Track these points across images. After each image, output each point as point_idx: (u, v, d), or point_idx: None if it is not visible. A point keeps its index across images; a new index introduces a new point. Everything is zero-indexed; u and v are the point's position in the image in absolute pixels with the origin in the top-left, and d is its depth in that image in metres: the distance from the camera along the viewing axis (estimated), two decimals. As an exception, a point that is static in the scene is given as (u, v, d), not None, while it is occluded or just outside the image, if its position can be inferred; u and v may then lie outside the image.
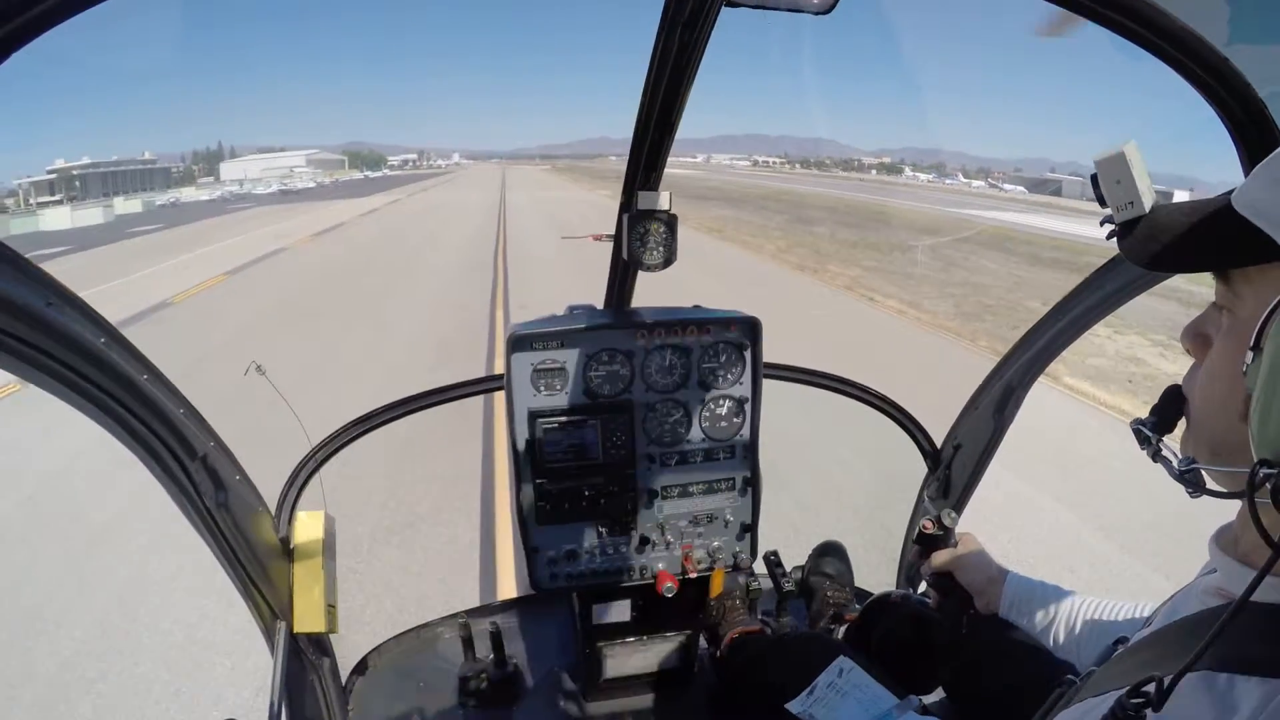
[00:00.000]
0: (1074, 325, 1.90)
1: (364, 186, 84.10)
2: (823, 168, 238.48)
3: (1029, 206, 56.44)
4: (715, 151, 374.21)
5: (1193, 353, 0.85)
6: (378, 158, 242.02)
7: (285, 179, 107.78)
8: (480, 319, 12.11)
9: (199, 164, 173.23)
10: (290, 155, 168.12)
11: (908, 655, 1.89)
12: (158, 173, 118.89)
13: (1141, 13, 1.15)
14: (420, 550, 4.95)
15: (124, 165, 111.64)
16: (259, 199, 67.75)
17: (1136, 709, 0.69)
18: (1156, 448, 0.84)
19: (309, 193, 74.65)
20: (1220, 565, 0.83)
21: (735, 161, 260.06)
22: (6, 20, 0.82)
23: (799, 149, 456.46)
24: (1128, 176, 0.81)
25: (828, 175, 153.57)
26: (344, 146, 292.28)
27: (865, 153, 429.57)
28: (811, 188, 69.10)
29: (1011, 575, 1.66)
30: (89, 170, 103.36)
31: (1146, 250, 0.80)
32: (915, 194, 66.17)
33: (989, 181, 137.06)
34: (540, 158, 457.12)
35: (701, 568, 2.08)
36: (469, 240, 24.60)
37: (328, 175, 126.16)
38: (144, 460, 1.40)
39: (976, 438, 2.26)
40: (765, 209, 39.17)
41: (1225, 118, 1.26)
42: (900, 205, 46.35)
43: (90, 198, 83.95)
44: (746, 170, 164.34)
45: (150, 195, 79.38)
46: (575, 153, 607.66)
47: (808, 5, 1.16)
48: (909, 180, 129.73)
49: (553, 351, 1.91)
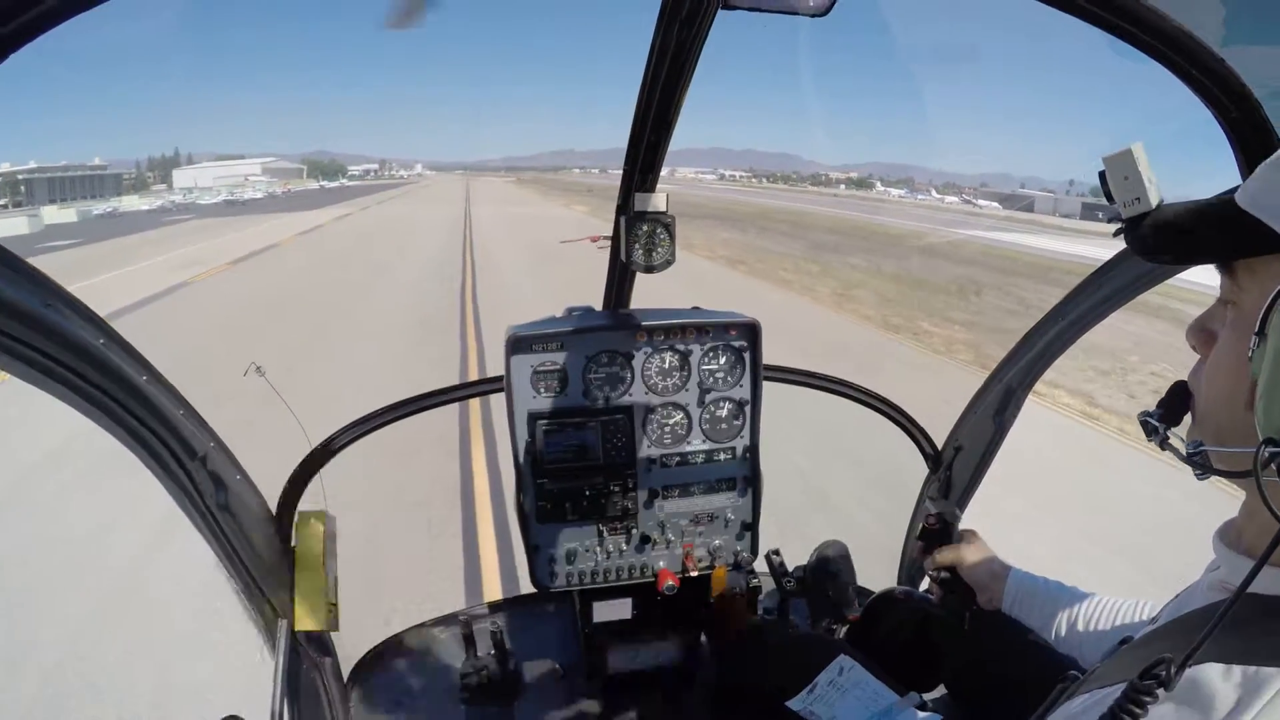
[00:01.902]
0: (1073, 327, 1.90)
1: (317, 198, 78.33)
2: (790, 182, 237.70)
3: (1028, 226, 53.69)
4: (679, 165, 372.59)
5: (1198, 349, 0.86)
6: (337, 167, 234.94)
7: (236, 188, 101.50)
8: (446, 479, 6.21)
9: (154, 170, 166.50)
10: (247, 163, 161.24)
11: (910, 652, 1.90)
12: (108, 179, 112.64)
13: (1137, 14, 1.15)
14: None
15: (72, 171, 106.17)
16: (200, 210, 62.03)
17: (1149, 689, 0.69)
18: (1164, 436, 0.87)
19: (255, 204, 68.52)
20: (1224, 559, 0.84)
21: (702, 175, 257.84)
22: (6, 20, 0.83)
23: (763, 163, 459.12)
24: (1135, 173, 0.83)
25: (799, 190, 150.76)
26: (306, 156, 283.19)
27: (830, 167, 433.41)
28: (796, 204, 66.05)
29: (1015, 571, 1.65)
30: (35, 175, 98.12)
31: (1153, 244, 0.84)
32: (903, 212, 63.62)
33: (963, 197, 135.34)
34: (504, 170, 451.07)
35: (702, 566, 2.10)
36: (424, 281, 17.27)
37: (281, 185, 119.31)
38: (144, 460, 1.41)
39: (977, 439, 2.26)
40: (770, 231, 35.39)
41: (1222, 119, 1.26)
42: (902, 226, 42.39)
43: (36, 203, 79.01)
44: (718, 185, 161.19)
45: (88, 204, 72.52)
46: (539, 165, 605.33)
47: (804, 7, 1.15)
48: (881, 195, 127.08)
49: (552, 353, 1.92)
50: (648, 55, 1.33)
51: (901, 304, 16.79)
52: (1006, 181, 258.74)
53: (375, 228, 36.09)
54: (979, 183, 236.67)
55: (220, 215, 50.36)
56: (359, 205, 57.79)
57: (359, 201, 64.50)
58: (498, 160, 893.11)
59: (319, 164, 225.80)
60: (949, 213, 75.22)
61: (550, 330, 1.92)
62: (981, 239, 34.77)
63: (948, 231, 40.03)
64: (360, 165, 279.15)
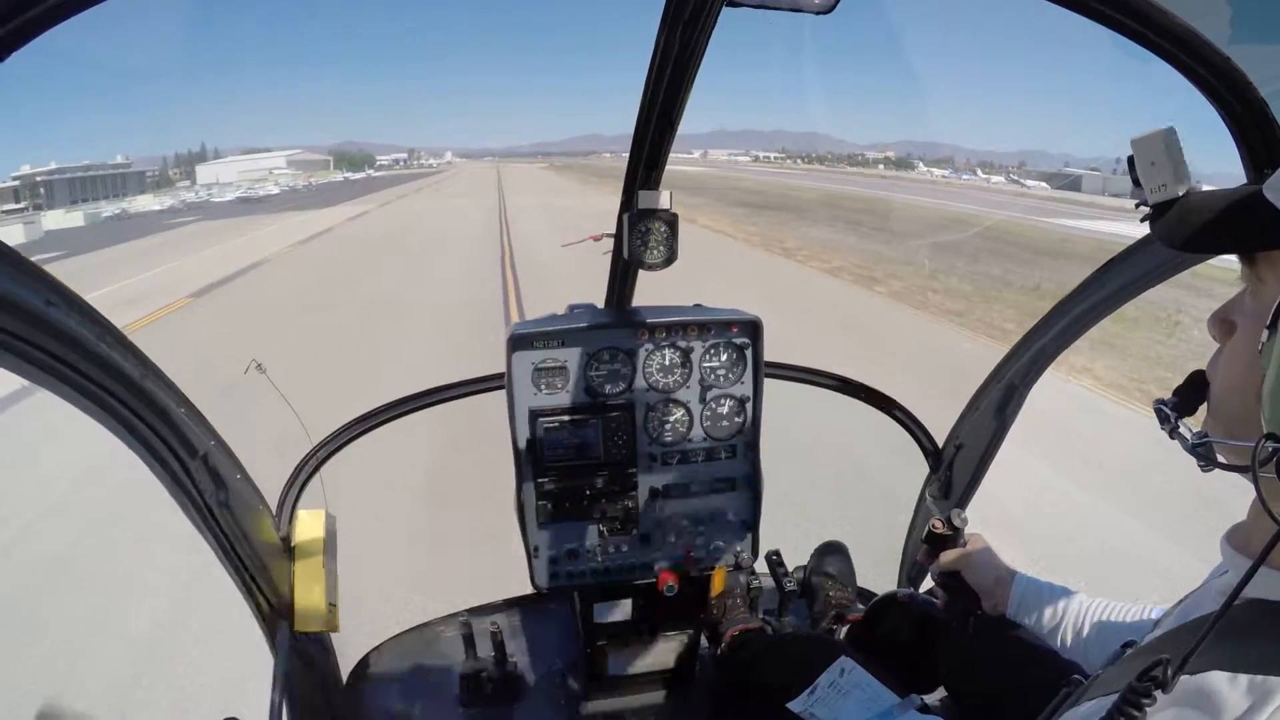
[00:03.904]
0: (1076, 324, 1.88)
1: (338, 191, 71.17)
2: (826, 163, 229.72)
3: (1107, 212, 43.89)
4: (711, 147, 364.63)
5: (1217, 338, 0.86)
6: (365, 158, 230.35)
7: (256, 183, 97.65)
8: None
9: (180, 167, 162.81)
10: (273, 156, 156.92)
11: (911, 655, 1.89)
12: (131, 177, 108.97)
13: (1143, 12, 1.16)
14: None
15: (94, 170, 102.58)
16: (211, 209, 56.23)
17: (1146, 691, 0.69)
18: (1175, 425, 0.86)
19: (271, 200, 62.37)
20: (1232, 564, 0.84)
21: (736, 157, 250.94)
22: (6, 20, 0.82)
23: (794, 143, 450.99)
24: (1163, 159, 0.81)
25: (838, 171, 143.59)
26: (334, 146, 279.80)
27: (861, 146, 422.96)
28: (851, 188, 55.63)
29: (1020, 576, 1.65)
30: (55, 176, 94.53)
31: (1179, 231, 0.82)
32: (965, 195, 54.53)
33: (1009, 177, 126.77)
34: (534, 155, 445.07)
35: (703, 567, 2.08)
36: (444, 315, 12.18)
37: (305, 177, 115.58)
38: (144, 459, 1.40)
39: (978, 437, 2.25)
40: (861, 226, 27.10)
41: (1227, 116, 1.26)
42: (992, 216, 34.84)
43: (56, 205, 76.72)
44: (754, 167, 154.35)
45: (98, 206, 69.06)
46: (569, 150, 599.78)
47: (808, 5, 1.15)
48: (923, 176, 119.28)
49: (553, 350, 1.92)
50: (652, 53, 1.33)
51: (1130, 356, 10.94)
52: (1043, 159, 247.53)
53: (396, 229, 29.26)
54: (1017, 161, 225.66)
55: (230, 215, 44.89)
56: (379, 200, 50.49)
57: (380, 195, 56.89)
58: (527, 146, 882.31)
59: (346, 155, 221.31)
60: (1003, 194, 66.53)
61: (552, 327, 1.92)
62: (1080, 232, 27.34)
63: (1039, 221, 32.24)
64: (389, 155, 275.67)
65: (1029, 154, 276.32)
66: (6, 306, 1.02)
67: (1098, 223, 30.80)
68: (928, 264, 18.81)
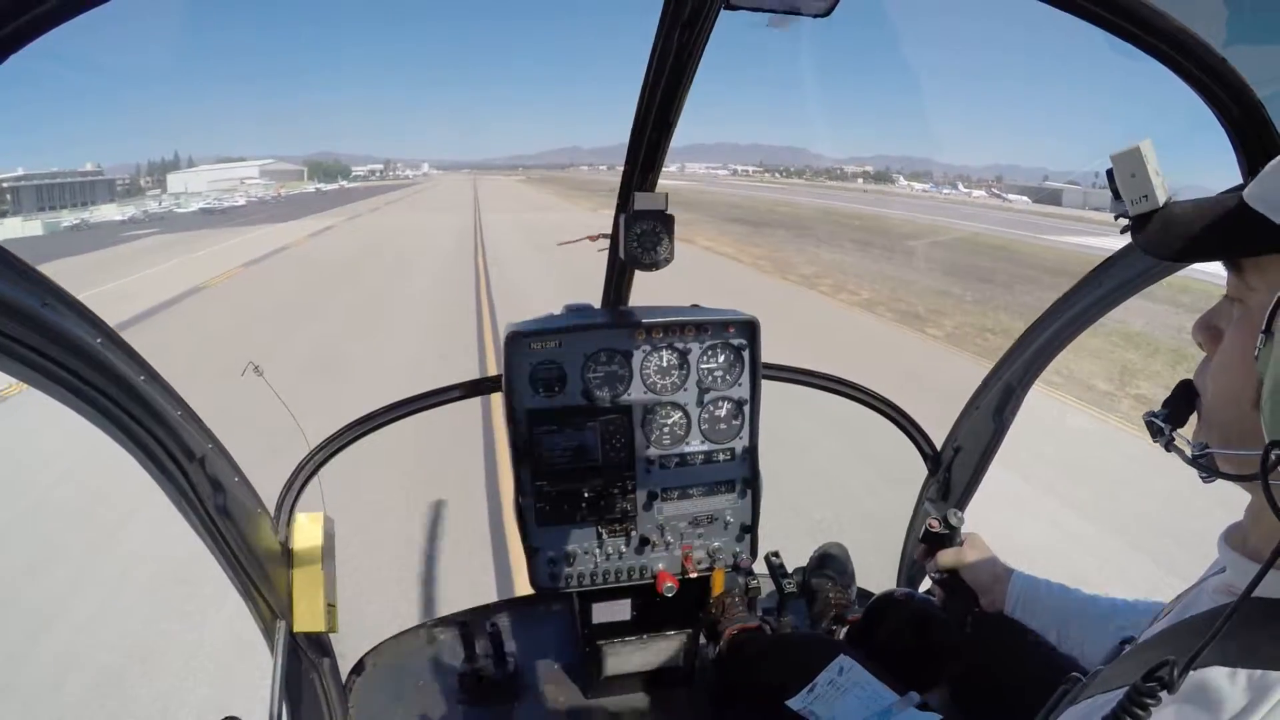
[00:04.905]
0: (1071, 324, 1.88)
1: (308, 203, 69.04)
2: (805, 177, 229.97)
3: (1097, 226, 41.42)
4: (688, 160, 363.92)
5: (1204, 346, 0.85)
6: (340, 169, 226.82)
7: (224, 193, 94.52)
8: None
9: (152, 175, 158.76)
10: (247, 165, 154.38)
11: (910, 653, 1.88)
12: (100, 185, 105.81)
13: (1139, 14, 1.15)
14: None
15: (61, 177, 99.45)
16: (172, 221, 54.12)
17: (1151, 692, 0.68)
18: (1169, 438, 0.85)
19: (234, 212, 59.93)
20: (1229, 562, 0.83)
21: (714, 171, 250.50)
22: (6, 21, 0.82)
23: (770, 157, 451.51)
24: (1142, 171, 0.82)
25: (819, 186, 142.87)
26: (309, 157, 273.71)
27: (838, 160, 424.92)
28: (838, 203, 55.26)
29: (1017, 574, 1.64)
30: (21, 183, 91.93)
31: (1162, 242, 0.81)
32: (955, 210, 53.39)
33: (991, 191, 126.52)
34: (510, 168, 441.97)
35: (701, 568, 2.08)
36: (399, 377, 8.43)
37: (276, 188, 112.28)
38: (142, 462, 1.39)
39: (976, 439, 2.23)
40: (872, 247, 25.19)
41: (1223, 118, 1.25)
42: (997, 234, 32.63)
43: (22, 212, 74.66)
44: (733, 180, 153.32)
45: (57, 215, 66.11)
46: (545, 163, 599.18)
47: (807, 7, 1.14)
48: (903, 190, 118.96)
49: (551, 352, 1.91)
50: (649, 55, 1.33)
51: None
52: (1017, 173, 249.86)
53: (356, 250, 25.95)
54: (993, 175, 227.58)
55: (190, 228, 42.88)
56: (349, 213, 48.47)
57: (351, 208, 55.22)
58: (502, 159, 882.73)
59: (321, 165, 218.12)
60: (992, 209, 63.49)
61: (549, 327, 1.91)
62: (1079, 249, 24.87)
63: (1057, 241, 30.05)
64: (365, 166, 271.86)
65: (1004, 168, 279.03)
66: (2, 308, 1.01)
67: (1093, 239, 28.58)
68: (968, 295, 16.57)
